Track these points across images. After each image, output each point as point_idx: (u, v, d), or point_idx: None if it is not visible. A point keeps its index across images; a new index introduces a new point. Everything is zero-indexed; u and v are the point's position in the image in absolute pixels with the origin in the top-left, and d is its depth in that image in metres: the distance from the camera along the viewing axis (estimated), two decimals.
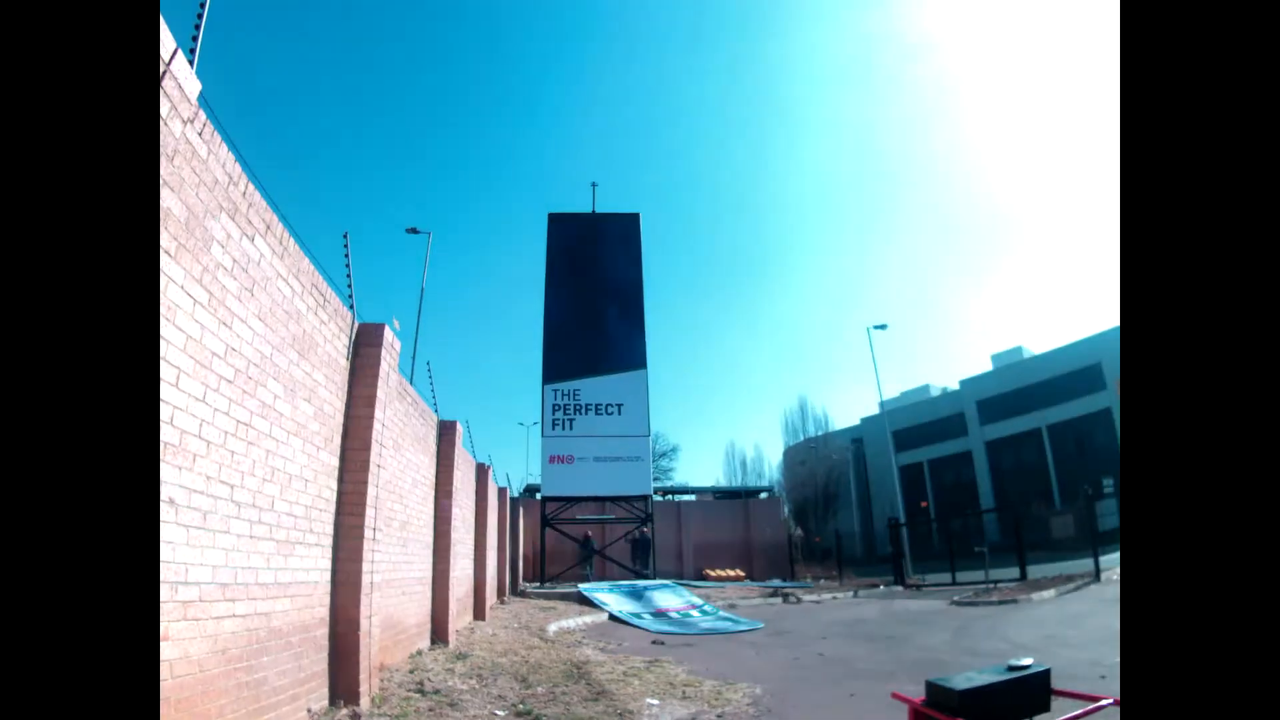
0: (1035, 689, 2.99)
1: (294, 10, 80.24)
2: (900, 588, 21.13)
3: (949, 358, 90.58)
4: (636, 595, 17.81)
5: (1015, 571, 18.16)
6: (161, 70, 3.00)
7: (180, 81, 3.17)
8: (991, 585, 17.59)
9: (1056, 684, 3.07)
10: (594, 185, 27.95)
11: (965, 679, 2.97)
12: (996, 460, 43.70)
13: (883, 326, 46.64)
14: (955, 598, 16.70)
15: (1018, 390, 42.19)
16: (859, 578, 25.48)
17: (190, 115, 3.35)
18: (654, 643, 11.48)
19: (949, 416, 46.65)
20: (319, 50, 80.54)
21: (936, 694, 2.94)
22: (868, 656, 9.03)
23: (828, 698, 6.69)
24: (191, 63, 3.30)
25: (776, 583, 24.04)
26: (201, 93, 3.40)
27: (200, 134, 3.52)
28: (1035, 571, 18.07)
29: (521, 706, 6.05)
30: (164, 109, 3.07)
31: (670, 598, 17.78)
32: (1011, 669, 3.03)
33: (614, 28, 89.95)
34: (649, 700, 6.52)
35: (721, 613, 16.09)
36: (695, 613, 16.07)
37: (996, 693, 2.89)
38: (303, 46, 79.00)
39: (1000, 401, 43.42)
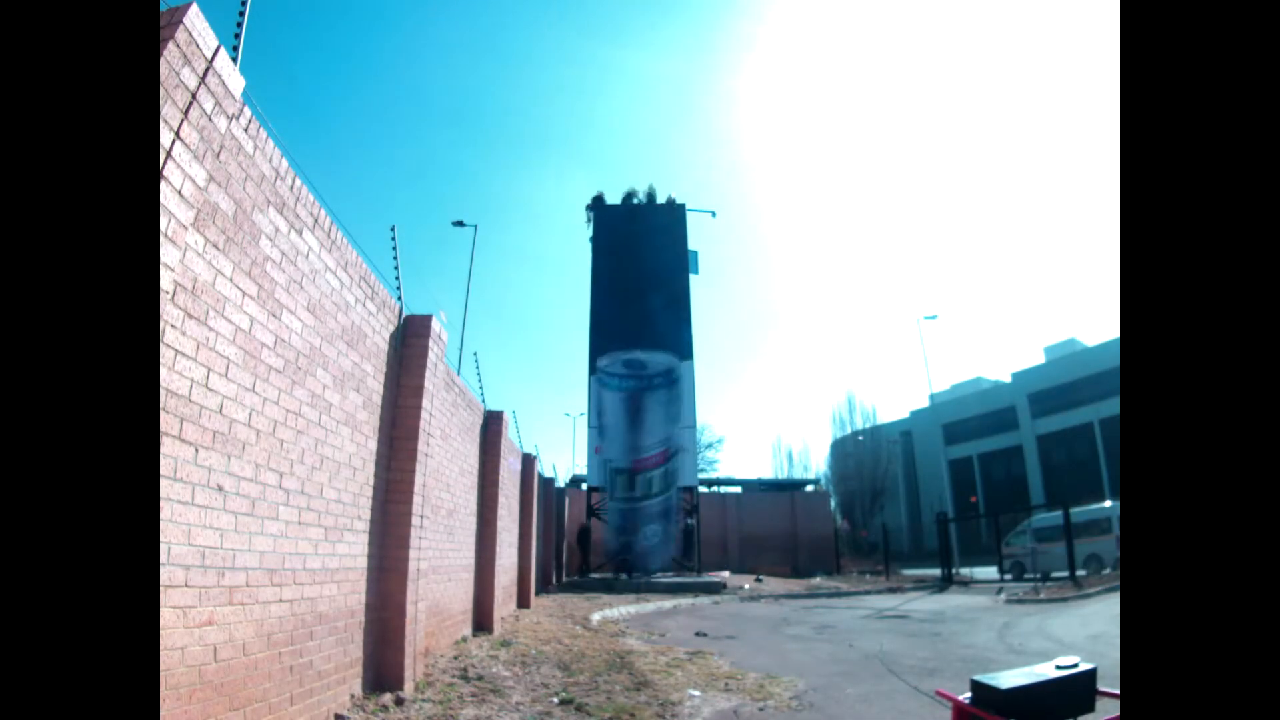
0: (1081, 688, 2.94)
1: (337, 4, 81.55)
2: (947, 583, 20.83)
3: (1003, 350, 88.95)
4: None
5: (1064, 569, 17.80)
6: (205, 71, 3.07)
7: (224, 78, 3.23)
8: (1040, 582, 17.29)
9: (1103, 684, 3.01)
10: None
11: (1010, 677, 2.93)
12: (1047, 454, 42.72)
13: (933, 317, 46.05)
14: (1003, 595, 16.46)
15: (1070, 383, 41.15)
16: (905, 572, 25.19)
17: (235, 111, 3.42)
18: (697, 634, 11.49)
19: (1000, 410, 45.77)
20: (362, 43, 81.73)
21: (981, 692, 2.91)
22: (912, 653, 8.92)
23: (871, 693, 6.61)
24: (235, 59, 3.35)
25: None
26: (245, 89, 3.46)
27: (246, 130, 3.59)
28: None
29: (564, 694, 6.11)
30: (208, 105, 3.14)
31: None
32: (1058, 668, 2.98)
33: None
34: (691, 691, 6.52)
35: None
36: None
37: (1042, 692, 2.85)
38: (347, 38, 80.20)
39: (1052, 394, 42.42)
